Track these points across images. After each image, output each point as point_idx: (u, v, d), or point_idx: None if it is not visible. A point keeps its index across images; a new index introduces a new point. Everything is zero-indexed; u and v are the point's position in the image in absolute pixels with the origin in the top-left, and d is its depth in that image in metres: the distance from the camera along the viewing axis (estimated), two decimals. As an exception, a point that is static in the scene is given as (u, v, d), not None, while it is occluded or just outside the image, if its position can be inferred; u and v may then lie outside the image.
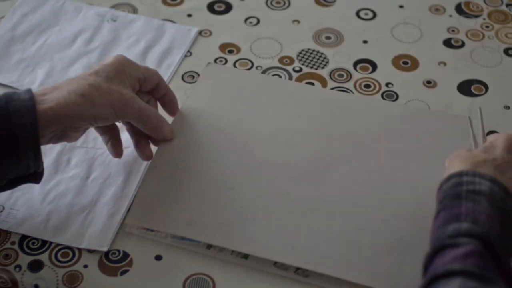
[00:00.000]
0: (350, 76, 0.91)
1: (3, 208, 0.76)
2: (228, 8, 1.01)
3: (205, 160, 0.79)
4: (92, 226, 0.75)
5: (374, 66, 0.93)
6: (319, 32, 0.97)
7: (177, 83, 0.90)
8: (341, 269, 0.70)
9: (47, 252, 0.73)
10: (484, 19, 1.00)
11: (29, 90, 0.70)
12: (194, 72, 0.92)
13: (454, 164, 0.68)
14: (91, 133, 0.81)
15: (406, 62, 0.93)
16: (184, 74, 0.92)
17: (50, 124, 0.69)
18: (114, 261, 0.73)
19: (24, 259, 0.73)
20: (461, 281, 0.55)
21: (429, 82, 0.91)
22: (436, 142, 0.81)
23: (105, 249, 0.73)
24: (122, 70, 0.74)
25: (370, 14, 1.00)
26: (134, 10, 1.01)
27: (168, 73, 0.91)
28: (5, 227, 0.75)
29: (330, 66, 0.93)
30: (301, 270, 0.71)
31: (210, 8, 1.01)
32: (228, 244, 0.72)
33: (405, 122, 0.84)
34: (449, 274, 0.56)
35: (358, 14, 1.00)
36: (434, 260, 0.59)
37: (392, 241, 0.72)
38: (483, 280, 0.55)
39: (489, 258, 0.58)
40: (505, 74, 0.92)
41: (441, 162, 0.72)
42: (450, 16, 1.00)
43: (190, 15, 1.00)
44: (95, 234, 0.74)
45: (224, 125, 0.83)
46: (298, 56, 0.94)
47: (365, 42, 0.96)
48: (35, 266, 0.72)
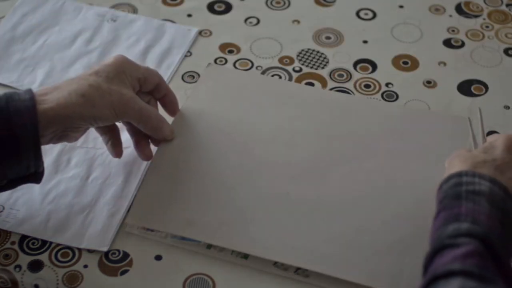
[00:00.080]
0: (350, 76, 0.91)
1: (3, 208, 0.76)
2: (228, 8, 1.01)
3: (205, 160, 0.79)
4: (92, 226, 0.75)
5: (374, 66, 0.93)
6: (319, 32, 0.97)
7: (177, 83, 0.90)
8: (341, 269, 0.70)
9: (47, 252, 0.73)
10: (484, 19, 1.00)
11: (29, 90, 0.70)
12: (194, 72, 0.92)
13: (454, 164, 0.68)
14: (91, 133, 0.81)
15: (406, 62, 0.93)
16: (184, 74, 0.91)
17: (51, 124, 0.69)
18: (114, 261, 0.73)
19: (24, 259, 0.73)
20: (461, 281, 0.55)
21: (429, 82, 0.91)
22: (436, 143, 0.81)
23: (105, 249, 0.73)
24: (123, 71, 0.74)
25: (370, 14, 1.00)
26: (134, 10, 1.00)
27: (168, 73, 0.91)
28: (5, 227, 0.75)
29: (330, 66, 0.93)
30: (301, 270, 0.71)
31: (210, 8, 1.01)
32: (228, 244, 0.72)
33: (405, 122, 0.84)
34: (449, 274, 0.56)
35: (358, 14, 1.00)
36: (434, 260, 0.59)
37: (392, 241, 0.72)
38: (483, 280, 0.55)
39: (489, 258, 0.58)
40: (505, 74, 0.92)
41: (441, 162, 0.72)
42: (450, 16, 1.00)
43: (190, 15, 1.00)
44: (95, 234, 0.74)
45: (224, 125, 0.83)
46: (298, 56, 0.94)
47: (365, 42, 0.96)
48: (35, 266, 0.72)
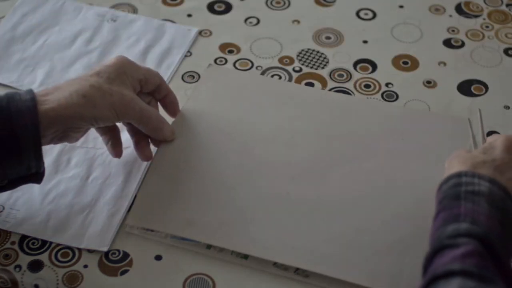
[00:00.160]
0: (350, 76, 0.91)
1: (3, 208, 0.76)
2: (228, 8, 1.01)
3: (205, 160, 0.79)
4: (92, 226, 0.75)
5: (374, 66, 0.93)
6: (319, 32, 0.97)
7: (177, 83, 0.90)
8: (341, 269, 0.70)
9: (47, 252, 0.73)
10: (484, 19, 1.00)
11: (30, 91, 0.70)
12: (194, 72, 0.92)
13: (453, 165, 0.68)
14: (91, 133, 0.81)
15: (406, 62, 0.93)
16: (184, 74, 0.91)
17: (52, 124, 0.69)
18: (114, 261, 0.73)
19: (24, 259, 0.73)
20: (460, 281, 0.55)
21: (429, 82, 0.91)
22: (435, 143, 0.81)
23: (105, 249, 0.73)
24: (123, 71, 0.74)
25: (370, 14, 1.00)
26: (134, 10, 1.01)
27: (168, 73, 0.91)
28: (5, 227, 0.75)
29: (330, 66, 0.93)
30: (301, 270, 0.71)
31: (210, 8, 1.01)
32: (228, 244, 0.72)
33: (405, 122, 0.84)
34: (448, 274, 0.56)
35: (358, 14, 1.00)
36: (433, 260, 0.59)
37: (392, 241, 0.72)
38: (483, 280, 0.55)
39: (488, 258, 0.58)
40: (505, 74, 0.92)
41: (440, 163, 0.72)
42: (450, 16, 1.00)
43: (190, 15, 1.00)
44: (95, 234, 0.74)
45: (224, 125, 0.83)
46: (298, 56, 0.94)
47: (365, 42, 0.96)
48: (35, 266, 0.72)
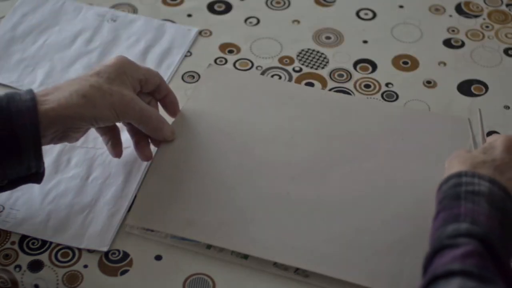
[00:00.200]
0: (350, 76, 0.91)
1: (3, 208, 0.76)
2: (228, 8, 1.01)
3: (205, 160, 0.79)
4: (92, 226, 0.75)
5: (374, 66, 0.93)
6: (319, 32, 0.97)
7: (177, 83, 0.90)
8: (341, 269, 0.70)
9: (47, 252, 0.73)
10: (484, 19, 1.00)
11: (30, 91, 0.70)
12: (194, 72, 0.92)
13: (453, 165, 0.68)
14: (91, 133, 0.81)
15: (406, 62, 0.93)
16: (184, 74, 0.91)
17: (52, 124, 0.69)
18: (114, 261, 0.73)
19: (24, 259, 0.73)
20: (460, 281, 0.55)
21: (429, 82, 0.91)
22: (435, 143, 0.81)
23: (105, 249, 0.73)
24: (123, 71, 0.74)
25: (370, 14, 1.00)
26: (134, 10, 1.00)
27: (168, 73, 0.91)
28: (5, 227, 0.75)
29: (330, 66, 0.93)
30: (301, 270, 0.71)
31: (210, 8, 1.01)
32: (228, 244, 0.72)
33: (405, 122, 0.84)
34: (448, 274, 0.56)
35: (358, 14, 1.00)
36: (433, 260, 0.59)
37: (392, 241, 0.72)
38: (482, 280, 0.55)
39: (488, 258, 0.58)
40: (505, 74, 0.92)
41: (440, 163, 0.72)
42: (450, 16, 1.00)
43: (190, 15, 1.00)
44: (95, 234, 0.74)
45: (224, 125, 0.83)
46: (298, 56, 0.94)
47: (365, 42, 0.96)
48: (35, 266, 0.72)
